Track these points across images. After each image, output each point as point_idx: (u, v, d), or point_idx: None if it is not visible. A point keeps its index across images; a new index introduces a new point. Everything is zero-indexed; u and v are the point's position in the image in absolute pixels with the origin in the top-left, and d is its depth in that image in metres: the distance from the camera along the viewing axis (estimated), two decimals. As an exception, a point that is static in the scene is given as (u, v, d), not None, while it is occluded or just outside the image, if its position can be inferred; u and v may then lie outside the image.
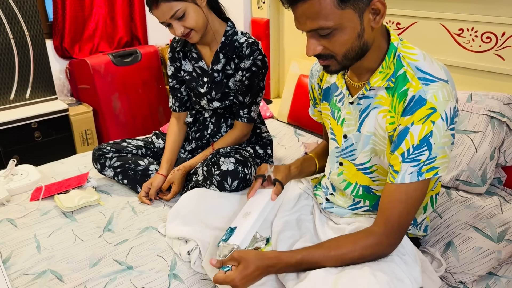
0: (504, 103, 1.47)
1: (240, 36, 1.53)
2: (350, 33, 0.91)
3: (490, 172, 1.43)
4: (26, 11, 2.41)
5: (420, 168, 0.93)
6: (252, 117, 1.58)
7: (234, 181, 1.40)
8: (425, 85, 0.93)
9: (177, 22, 1.39)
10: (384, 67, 0.99)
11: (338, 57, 0.95)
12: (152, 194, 1.55)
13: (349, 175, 1.16)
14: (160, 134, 1.81)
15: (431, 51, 1.81)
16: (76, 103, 2.78)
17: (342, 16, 0.88)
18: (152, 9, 1.38)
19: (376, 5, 0.89)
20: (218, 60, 1.55)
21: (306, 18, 0.90)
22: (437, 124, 0.91)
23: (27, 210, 1.51)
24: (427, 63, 0.97)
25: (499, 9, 1.59)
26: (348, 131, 1.11)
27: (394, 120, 0.99)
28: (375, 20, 0.92)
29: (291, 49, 2.58)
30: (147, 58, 2.89)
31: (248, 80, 1.52)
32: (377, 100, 1.02)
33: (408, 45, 1.00)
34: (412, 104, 0.93)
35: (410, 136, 0.93)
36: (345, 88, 1.10)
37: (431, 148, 0.92)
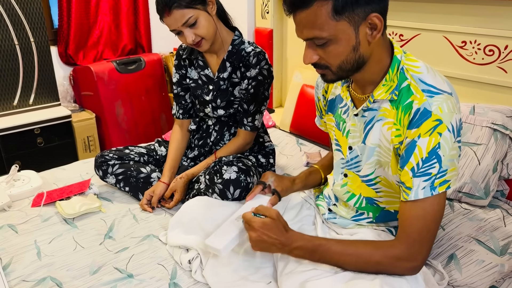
0: (507, 116, 1.48)
1: (247, 46, 1.54)
2: (344, 45, 0.92)
3: (493, 184, 1.43)
4: (32, 18, 2.43)
5: (432, 182, 0.92)
6: (255, 126, 1.58)
7: (236, 189, 1.40)
8: (430, 97, 0.93)
9: (189, 29, 1.40)
10: (387, 79, 0.99)
11: (332, 67, 0.97)
12: (154, 202, 1.55)
13: (353, 187, 1.15)
14: (162, 142, 1.81)
15: (434, 63, 1.83)
16: (79, 110, 2.79)
17: (337, 28, 0.90)
18: (164, 16, 1.39)
19: (373, 20, 0.91)
20: (225, 68, 1.55)
21: (303, 26, 0.93)
22: (444, 135, 0.91)
23: (28, 216, 1.51)
24: (430, 75, 0.97)
25: (502, 22, 1.60)
26: (353, 142, 1.12)
27: (400, 133, 0.99)
28: (372, 34, 0.93)
29: (294, 58, 2.59)
30: (151, 66, 2.91)
31: (254, 89, 1.53)
32: (381, 112, 1.03)
33: (412, 58, 1.01)
34: (417, 117, 0.93)
35: (418, 149, 0.92)
36: (350, 100, 1.10)
37: (441, 161, 0.91)
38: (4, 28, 2.36)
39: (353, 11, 0.89)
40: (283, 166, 1.90)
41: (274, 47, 2.61)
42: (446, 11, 1.76)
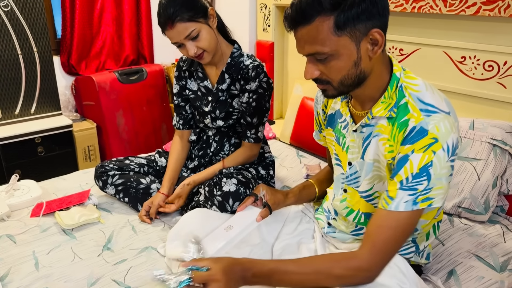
0: (507, 131, 1.48)
1: (246, 58, 1.55)
2: (346, 60, 0.92)
3: (492, 200, 1.43)
4: (36, 27, 2.45)
5: (416, 198, 0.92)
6: (258, 137, 1.59)
7: (235, 202, 1.40)
8: (427, 116, 0.93)
9: (191, 42, 1.41)
10: (386, 97, 1.00)
11: (334, 83, 0.97)
12: (153, 213, 1.55)
13: (352, 202, 1.15)
14: (163, 153, 1.82)
15: (434, 78, 1.84)
16: (80, 119, 2.80)
17: (338, 43, 0.90)
18: (167, 29, 1.40)
19: (374, 35, 0.91)
20: (223, 80, 1.57)
21: (304, 42, 0.93)
22: (438, 154, 0.90)
23: (27, 226, 1.50)
24: (429, 93, 0.97)
25: (501, 38, 1.62)
26: (352, 158, 1.12)
27: (393, 148, 0.99)
28: (373, 50, 0.93)
29: (295, 71, 2.61)
30: (153, 76, 2.92)
31: (255, 102, 1.54)
32: (377, 128, 1.03)
33: (411, 75, 1.01)
34: (413, 134, 0.93)
35: (410, 164, 0.92)
36: (349, 116, 1.11)
37: (430, 179, 0.91)
38: (7, 38, 2.38)
39: (354, 27, 0.89)
40: (283, 178, 1.91)
41: (275, 59, 2.63)
42: (446, 26, 1.77)
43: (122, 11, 2.92)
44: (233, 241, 1.10)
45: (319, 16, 0.88)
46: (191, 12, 1.37)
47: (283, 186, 1.83)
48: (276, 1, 2.48)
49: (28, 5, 2.39)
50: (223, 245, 1.08)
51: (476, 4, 1.61)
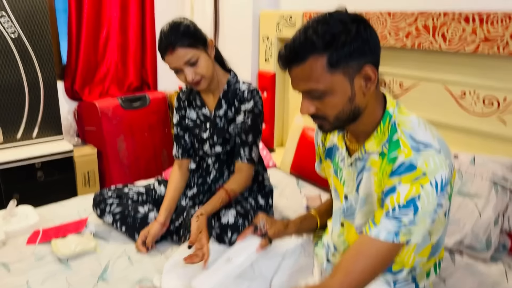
0: (508, 168, 1.48)
1: (242, 85, 1.60)
2: (340, 96, 0.94)
3: (494, 237, 1.41)
4: (41, 53, 2.49)
5: (399, 230, 0.91)
6: (252, 158, 1.58)
7: (234, 234, 1.39)
8: (417, 152, 0.93)
9: (190, 68, 1.44)
10: (379, 132, 1.01)
11: (329, 118, 0.98)
12: (149, 242, 1.53)
13: (349, 237, 1.14)
14: (162, 181, 1.81)
15: (434, 112, 1.85)
16: (81, 144, 2.81)
17: (332, 80, 0.92)
18: (167, 54, 1.43)
19: (367, 72, 0.93)
20: (221, 106, 1.60)
21: (299, 80, 0.95)
22: (426, 188, 0.90)
23: (22, 254, 1.48)
24: (421, 130, 0.97)
25: (501, 75, 1.63)
26: (347, 191, 1.12)
27: (380, 183, 1.00)
28: (366, 86, 0.95)
29: (296, 101, 2.63)
30: (155, 103, 2.95)
31: (251, 121, 1.56)
32: (369, 162, 1.04)
33: (405, 112, 1.02)
34: (401, 169, 0.93)
35: (397, 194, 0.92)
36: (345, 150, 1.12)
37: (417, 213, 0.90)
38: (13, 63, 2.41)
39: (347, 64, 0.91)
40: (282, 209, 1.89)
41: (276, 89, 2.66)
42: (446, 62, 1.80)
43: (127, 39, 2.98)
44: (232, 274, 1.08)
45: (312, 55, 0.90)
46: (192, 40, 1.42)
47: (282, 217, 1.81)
48: (278, 34, 2.54)
49: (35, 31, 2.44)
50: (221, 278, 1.06)
51: (475, 42, 1.63)
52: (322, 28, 0.90)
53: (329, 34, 0.89)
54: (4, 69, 2.40)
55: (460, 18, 1.67)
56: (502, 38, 1.55)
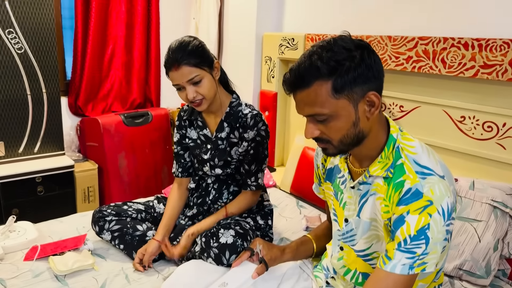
0: (507, 194, 1.48)
1: (244, 108, 1.60)
2: (345, 121, 0.96)
3: (494, 263, 1.40)
4: (46, 69, 2.53)
5: (413, 262, 0.92)
6: (259, 184, 1.61)
7: (232, 255, 1.38)
8: (422, 179, 0.94)
9: (192, 87, 1.45)
10: (383, 157, 1.02)
11: (334, 142, 0.99)
12: (146, 261, 1.52)
13: (349, 261, 1.14)
14: (161, 199, 1.81)
15: (434, 136, 1.86)
16: (82, 160, 2.82)
17: (337, 105, 0.94)
18: (172, 70, 1.44)
19: (371, 97, 0.95)
20: (222, 128, 1.60)
21: (304, 104, 0.97)
22: (434, 217, 0.90)
23: (20, 271, 1.47)
24: (425, 156, 0.99)
25: (500, 100, 1.65)
26: (348, 215, 1.12)
27: (388, 209, 1.00)
28: (370, 111, 0.96)
29: (297, 121, 2.65)
30: (158, 120, 2.97)
31: (253, 150, 1.57)
32: (374, 186, 1.04)
33: (408, 137, 1.03)
34: (408, 196, 0.94)
35: (407, 225, 0.92)
36: (347, 172, 1.12)
37: (428, 242, 0.91)
38: (18, 78, 2.45)
39: (351, 90, 0.93)
40: (281, 229, 1.88)
41: (278, 109, 2.69)
42: (446, 86, 1.82)
43: (132, 57, 3.02)
44: None
45: (317, 80, 0.92)
46: (198, 60, 1.44)
47: (282, 237, 1.80)
48: (281, 55, 2.57)
49: (41, 48, 2.48)
50: None
51: (474, 68, 1.66)
52: (327, 55, 0.92)
53: (334, 61, 0.91)
54: (9, 84, 2.43)
55: (459, 44, 1.69)
56: (501, 65, 1.58)
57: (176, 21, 3.21)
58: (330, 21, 2.38)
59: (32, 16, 2.42)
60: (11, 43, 2.38)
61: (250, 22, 2.69)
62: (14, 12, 2.36)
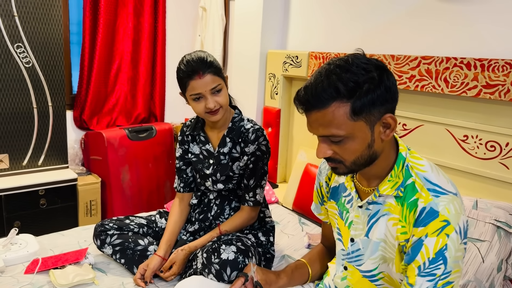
0: (510, 213, 1.47)
1: (246, 123, 1.61)
2: (360, 142, 0.94)
3: (498, 284, 1.38)
4: (53, 83, 2.57)
5: (436, 283, 0.91)
6: (257, 201, 1.60)
7: (233, 271, 1.37)
8: (436, 197, 0.93)
9: (212, 96, 1.48)
10: (393, 175, 1.01)
11: (346, 163, 0.98)
12: (148, 276, 1.51)
13: (353, 281, 1.12)
14: (163, 213, 1.81)
15: (437, 154, 1.86)
16: (85, 173, 2.83)
17: (354, 127, 0.92)
18: (195, 78, 1.45)
19: (388, 120, 0.94)
20: (225, 143, 1.61)
21: (319, 125, 0.95)
22: (452, 237, 0.90)
23: (20, 284, 1.47)
24: (434, 174, 0.98)
25: (502, 120, 1.66)
26: (355, 235, 1.10)
27: (406, 230, 0.98)
28: (385, 133, 0.96)
29: (300, 137, 2.66)
30: (162, 135, 2.99)
31: (253, 164, 1.57)
32: (386, 207, 1.03)
33: (416, 156, 1.03)
34: (423, 216, 0.93)
35: (425, 248, 0.91)
36: (354, 191, 1.11)
37: (447, 262, 0.90)
38: (25, 92, 2.48)
39: (370, 112, 0.92)
40: (283, 247, 1.87)
41: (281, 125, 2.70)
42: (448, 105, 1.83)
43: (138, 72, 3.06)
44: None
45: (335, 102, 0.91)
46: (218, 69, 1.49)
47: (284, 255, 1.79)
48: (284, 73, 2.60)
49: (49, 62, 2.53)
50: None
51: (477, 87, 1.67)
52: (346, 75, 0.90)
53: (353, 82, 0.90)
54: (16, 97, 2.46)
55: (462, 64, 1.71)
56: (503, 85, 1.59)
57: (182, 37, 3.26)
58: (334, 40, 2.41)
59: (40, 31, 2.47)
60: (19, 57, 2.42)
61: (255, 40, 2.73)
62: (23, 27, 2.40)
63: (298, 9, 2.64)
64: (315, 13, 2.52)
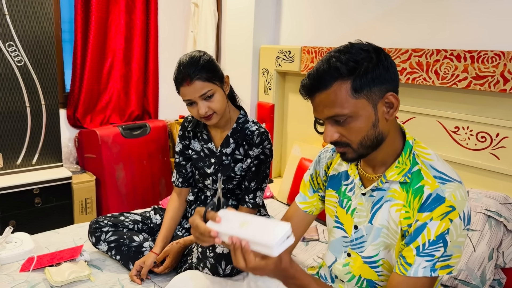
0: (501, 203, 1.49)
1: (252, 125, 1.60)
2: (365, 121, 0.96)
3: (489, 273, 1.40)
4: (45, 81, 2.55)
5: (434, 264, 0.93)
6: (257, 203, 1.59)
7: (228, 265, 1.38)
8: (442, 184, 0.96)
9: (204, 102, 1.45)
10: (400, 162, 1.02)
11: (353, 144, 0.99)
12: (144, 273, 1.52)
13: (354, 267, 1.14)
14: (158, 210, 1.82)
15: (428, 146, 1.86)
16: (80, 171, 2.83)
17: (356, 105, 0.94)
18: (183, 85, 1.43)
19: (389, 98, 0.96)
20: (228, 144, 1.60)
21: (323, 106, 0.97)
22: (455, 222, 0.92)
23: (15, 282, 1.47)
24: (440, 163, 1.01)
25: (492, 111, 1.67)
26: (359, 222, 1.11)
27: (409, 215, 1.00)
28: (388, 112, 0.97)
29: (294, 132, 2.67)
30: (156, 132, 2.99)
31: (256, 167, 1.57)
32: (390, 193, 1.04)
33: (422, 145, 1.06)
34: (430, 202, 0.95)
35: (427, 231, 0.94)
36: (358, 179, 1.12)
37: (447, 246, 0.93)
38: (17, 91, 2.47)
39: (370, 90, 0.94)
40: (278, 241, 1.88)
41: (275, 120, 2.71)
42: (439, 97, 1.84)
43: (131, 69, 3.05)
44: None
45: (337, 81, 0.94)
46: (210, 74, 1.44)
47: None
48: (277, 68, 2.61)
49: (41, 60, 2.51)
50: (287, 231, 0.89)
51: (467, 79, 1.69)
52: (345, 56, 0.94)
53: (353, 61, 0.93)
54: (8, 96, 2.45)
55: (452, 56, 1.72)
56: (492, 76, 1.60)
57: (174, 34, 3.26)
58: (326, 34, 2.42)
59: (32, 29, 2.45)
60: (11, 56, 2.41)
61: (248, 35, 2.73)
62: (14, 25, 2.39)
63: (290, 4, 2.65)
64: (307, 8, 2.53)
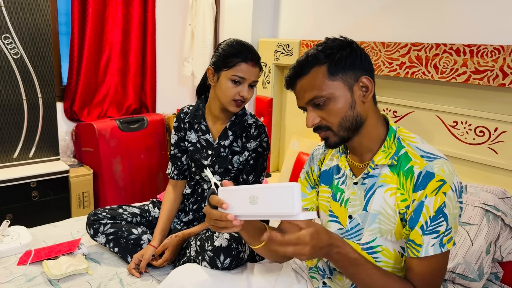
0: (499, 197, 1.49)
1: (249, 117, 1.62)
2: (342, 102, 1.03)
3: (486, 267, 1.41)
4: (42, 75, 2.53)
5: (441, 240, 0.98)
6: None
7: (226, 258, 1.38)
8: (430, 161, 1.01)
9: (249, 87, 1.51)
10: (386, 146, 1.07)
11: (333, 127, 1.05)
12: (142, 267, 1.52)
13: None
14: (157, 203, 1.82)
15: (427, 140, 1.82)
16: (77, 165, 2.82)
17: (333, 87, 1.03)
18: (248, 63, 1.47)
19: (364, 82, 1.04)
20: (227, 136, 1.60)
21: (304, 91, 1.06)
22: (449, 195, 0.97)
23: (13, 275, 1.47)
24: (425, 145, 1.06)
25: (491, 106, 1.67)
26: (353, 211, 1.13)
27: (405, 197, 1.03)
28: (364, 96, 1.05)
29: (292, 127, 2.67)
30: (153, 125, 2.97)
31: (253, 160, 1.58)
32: (381, 178, 1.07)
33: (406, 131, 1.10)
34: (421, 179, 1.00)
35: (426, 208, 0.98)
36: (349, 170, 1.14)
37: (447, 219, 0.98)
38: (14, 84, 2.45)
39: (345, 73, 1.03)
40: (276, 234, 1.88)
41: (273, 114, 2.70)
42: (438, 92, 1.84)
43: (128, 62, 3.03)
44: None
45: (315, 67, 1.03)
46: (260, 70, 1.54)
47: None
48: (276, 61, 2.60)
49: (37, 53, 2.49)
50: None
51: (466, 73, 1.68)
52: (322, 46, 1.05)
53: (329, 48, 1.04)
54: (5, 89, 2.43)
55: (451, 50, 1.72)
56: (492, 70, 1.60)
57: (172, 27, 3.23)
58: (324, 28, 2.41)
59: (28, 22, 2.43)
60: (7, 48, 2.39)
61: (246, 28, 2.72)
62: (10, 18, 2.37)
63: (288, -3, 2.63)
64: (306, 1, 2.51)
